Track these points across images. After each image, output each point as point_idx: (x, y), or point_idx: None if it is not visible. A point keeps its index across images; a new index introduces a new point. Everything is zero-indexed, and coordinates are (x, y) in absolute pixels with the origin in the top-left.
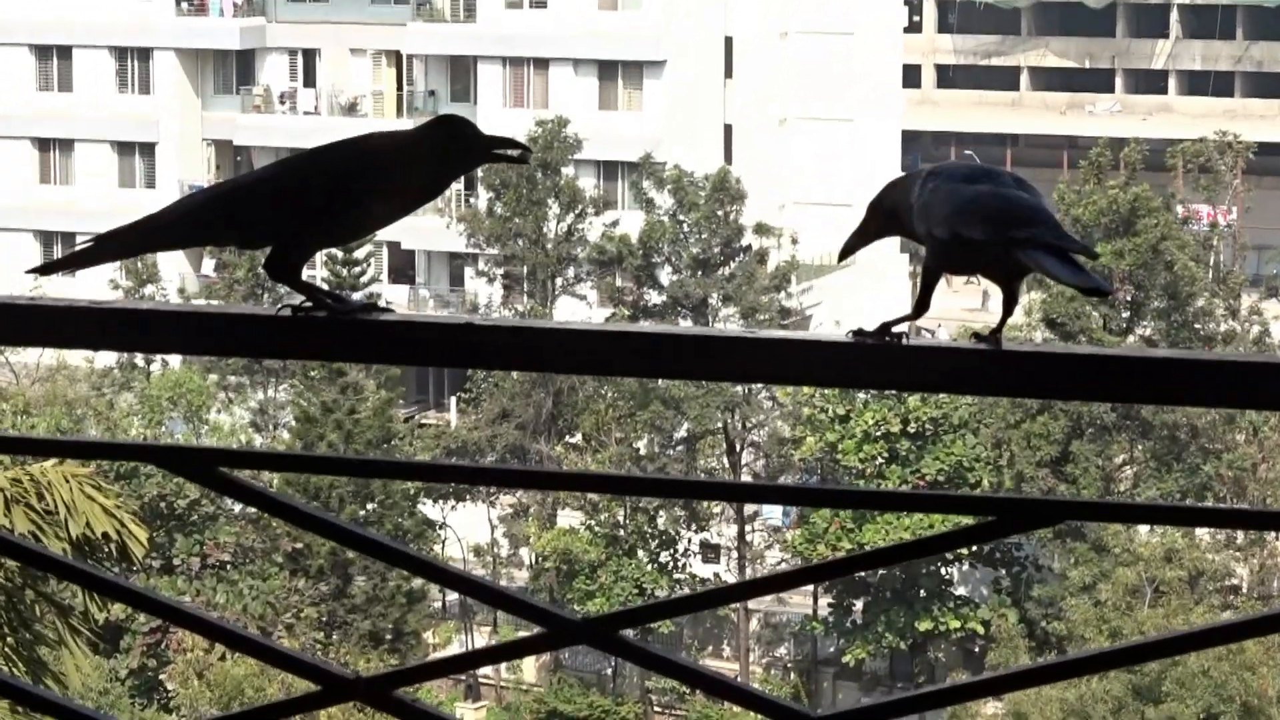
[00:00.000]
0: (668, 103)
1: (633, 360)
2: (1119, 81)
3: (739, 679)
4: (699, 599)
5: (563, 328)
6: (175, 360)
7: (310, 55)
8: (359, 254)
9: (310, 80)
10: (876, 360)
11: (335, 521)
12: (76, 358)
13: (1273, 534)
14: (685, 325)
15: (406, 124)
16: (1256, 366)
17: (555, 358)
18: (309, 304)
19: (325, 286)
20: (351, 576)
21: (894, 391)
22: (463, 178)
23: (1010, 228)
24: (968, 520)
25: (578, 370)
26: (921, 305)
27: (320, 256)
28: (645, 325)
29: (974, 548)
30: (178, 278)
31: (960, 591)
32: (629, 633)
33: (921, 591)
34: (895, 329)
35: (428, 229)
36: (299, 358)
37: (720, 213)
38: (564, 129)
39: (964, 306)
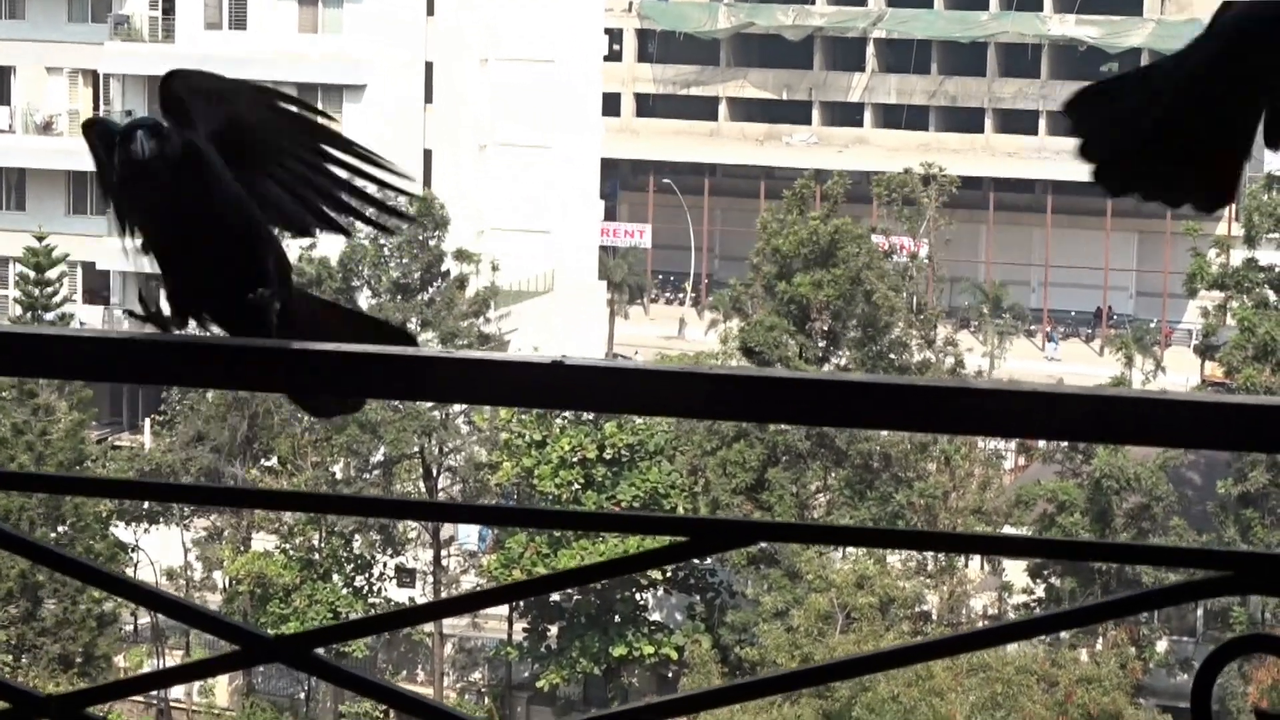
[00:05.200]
0: (367, 127)
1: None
2: (816, 113)
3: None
4: (395, 617)
5: (248, 345)
6: None
7: (4, 73)
8: (51, 274)
9: (4, 98)
10: (571, 383)
11: (28, 538)
12: None
13: (962, 561)
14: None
15: None
16: (935, 390)
17: (243, 376)
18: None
19: (17, 306)
20: (41, 599)
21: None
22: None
23: None
24: (662, 541)
25: (266, 389)
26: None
27: (10, 275)
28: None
29: (668, 573)
30: None
31: (655, 617)
32: (325, 657)
33: (616, 617)
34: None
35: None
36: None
37: (422, 237)
38: None
39: (661, 334)
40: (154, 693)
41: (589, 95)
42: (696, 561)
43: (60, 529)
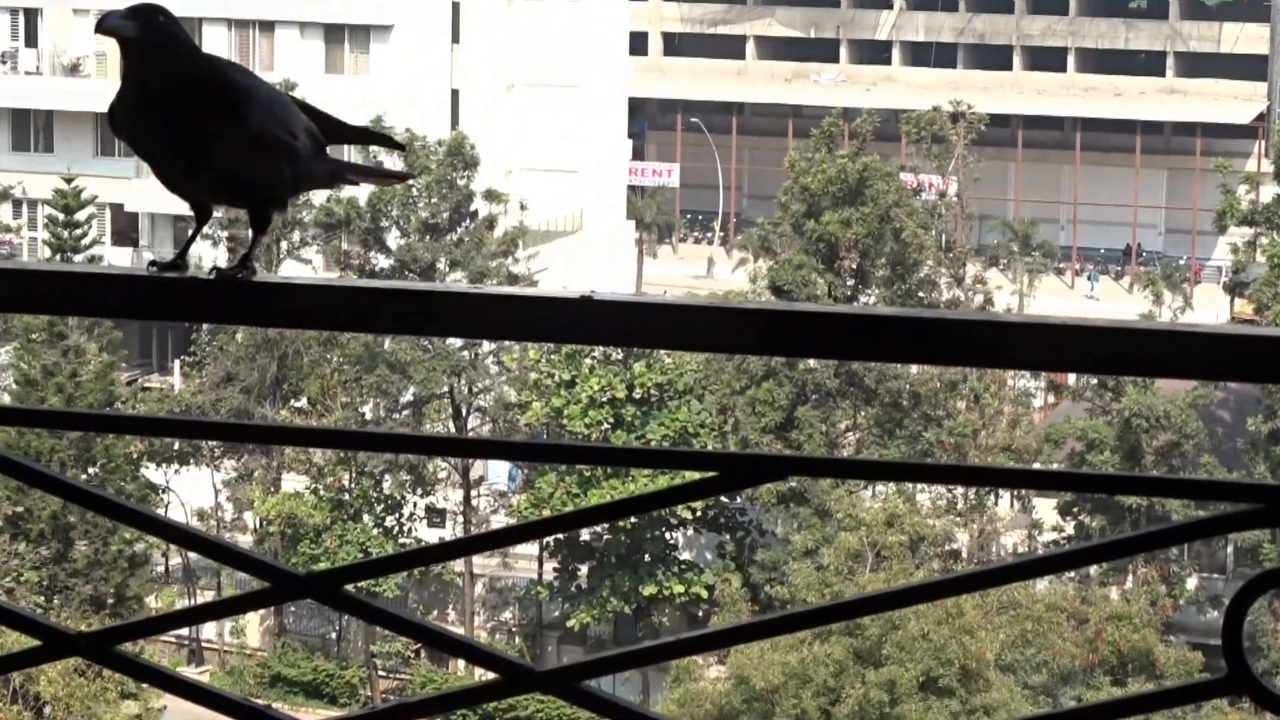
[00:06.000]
0: (395, 67)
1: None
2: (844, 52)
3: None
4: (425, 553)
5: (283, 283)
6: None
7: (32, 15)
8: (80, 216)
9: (32, 40)
10: (596, 317)
11: (65, 479)
12: None
13: (992, 499)
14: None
15: None
16: (955, 324)
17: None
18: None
19: (46, 248)
20: (73, 540)
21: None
22: None
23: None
24: (692, 477)
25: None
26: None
27: (40, 217)
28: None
29: (698, 512)
30: None
31: (685, 556)
32: (354, 594)
33: (646, 556)
34: None
35: (152, 191)
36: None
37: (451, 177)
38: (290, 92)
39: (689, 273)
40: (186, 633)
41: (616, 34)
42: (726, 500)
43: (91, 470)
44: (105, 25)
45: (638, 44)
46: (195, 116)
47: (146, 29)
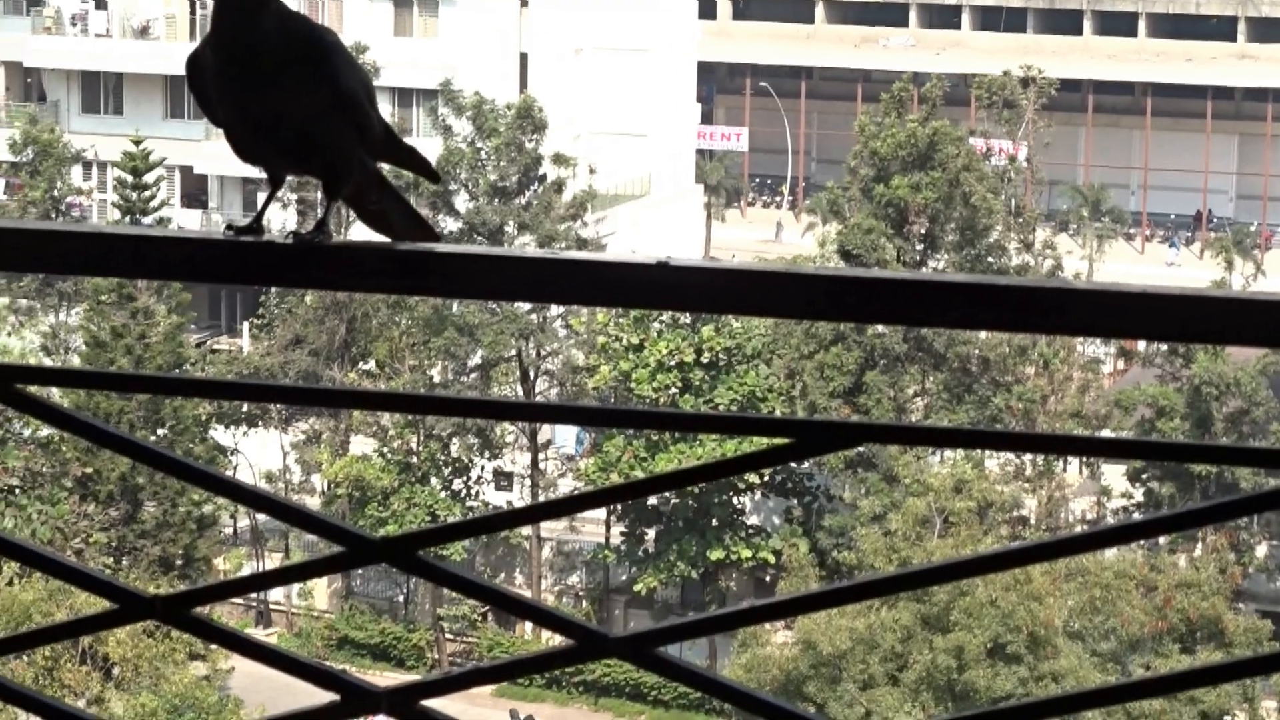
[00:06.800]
0: (463, 30)
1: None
2: (913, 16)
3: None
4: (499, 518)
5: (348, 246)
6: None
7: None
8: (149, 178)
9: (102, 3)
10: (663, 282)
11: (136, 440)
12: None
13: (1060, 466)
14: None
15: None
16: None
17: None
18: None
19: (115, 210)
20: (141, 502)
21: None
22: None
23: None
24: (764, 443)
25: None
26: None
27: (109, 179)
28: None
29: (766, 477)
30: None
31: (752, 521)
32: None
33: (713, 521)
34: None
35: (221, 153)
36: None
37: (520, 141)
38: (360, 56)
39: (758, 237)
40: (254, 595)
41: None
42: (794, 466)
43: (160, 432)
44: None
45: (706, 7)
46: (281, 67)
47: None
